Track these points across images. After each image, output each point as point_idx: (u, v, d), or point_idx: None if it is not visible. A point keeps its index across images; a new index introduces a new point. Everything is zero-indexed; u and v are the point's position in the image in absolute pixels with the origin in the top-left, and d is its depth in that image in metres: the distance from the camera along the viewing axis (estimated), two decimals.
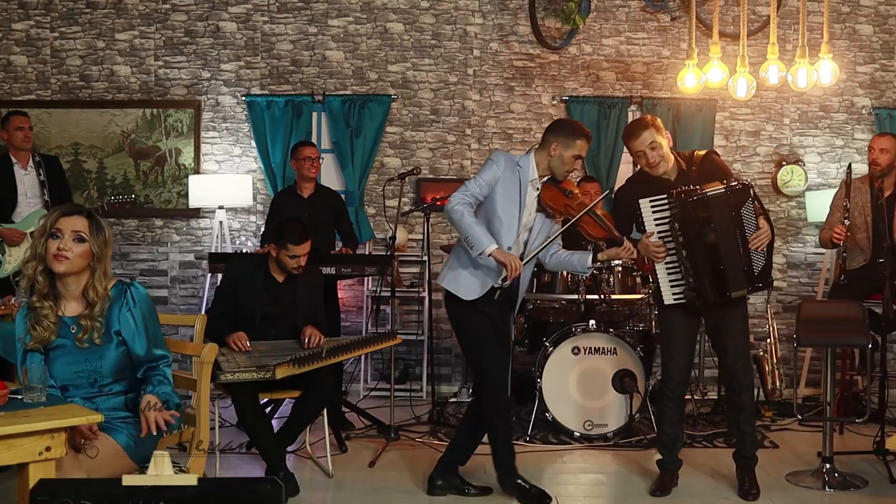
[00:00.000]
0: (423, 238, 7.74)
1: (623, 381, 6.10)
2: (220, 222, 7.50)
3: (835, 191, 6.85)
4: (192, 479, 1.77)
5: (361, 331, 7.69)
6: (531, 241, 4.81)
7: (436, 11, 7.87)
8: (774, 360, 7.04)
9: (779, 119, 7.92)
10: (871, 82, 7.88)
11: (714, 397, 7.19)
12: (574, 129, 4.78)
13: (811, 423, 6.53)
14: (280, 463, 4.86)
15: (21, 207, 6.60)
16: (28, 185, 6.66)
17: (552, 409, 6.13)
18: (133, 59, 7.87)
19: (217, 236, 7.49)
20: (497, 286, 4.73)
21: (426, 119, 7.90)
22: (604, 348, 6.16)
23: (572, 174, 5.05)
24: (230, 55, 7.86)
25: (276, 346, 5.11)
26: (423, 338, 7.61)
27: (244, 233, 7.87)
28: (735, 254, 4.77)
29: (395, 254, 6.39)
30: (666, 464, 5.11)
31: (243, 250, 7.61)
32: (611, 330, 6.21)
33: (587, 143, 4.77)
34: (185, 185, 7.77)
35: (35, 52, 7.87)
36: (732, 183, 4.78)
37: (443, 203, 6.89)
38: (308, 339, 5.11)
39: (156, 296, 7.64)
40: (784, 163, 7.85)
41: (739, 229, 4.76)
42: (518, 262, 4.55)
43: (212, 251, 7.32)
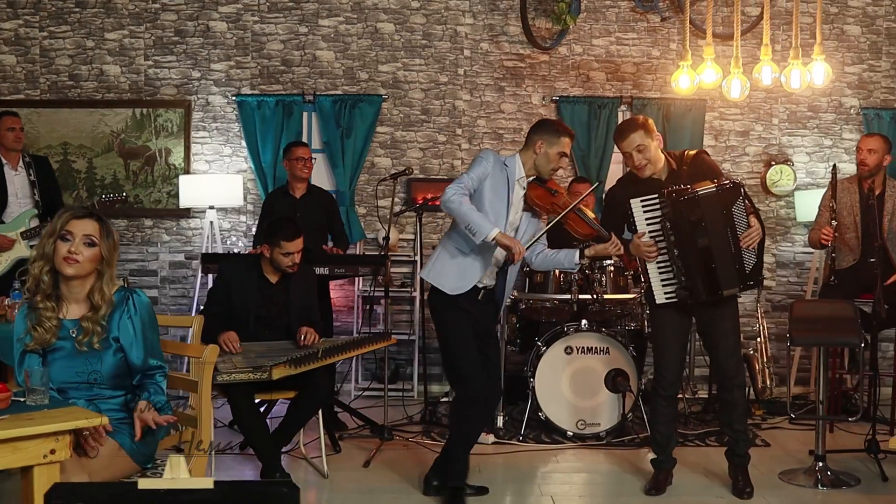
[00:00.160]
0: (414, 238, 7.76)
1: (616, 380, 6.12)
2: (211, 222, 7.49)
3: (823, 190, 6.89)
4: (208, 483, 1.77)
5: (352, 331, 7.68)
6: (517, 238, 4.80)
7: (426, 11, 7.87)
8: (764, 359, 7.08)
9: (768, 119, 7.96)
10: (859, 83, 7.92)
11: (704, 396, 7.22)
12: (558, 128, 4.86)
13: (801, 422, 6.57)
14: (276, 463, 4.86)
15: (11, 208, 6.57)
16: (18, 186, 6.63)
17: (545, 408, 6.15)
18: (123, 58, 7.84)
19: (207, 237, 7.47)
20: (481, 286, 4.75)
21: (417, 119, 7.90)
22: (596, 348, 6.18)
23: (558, 174, 5.07)
24: (220, 55, 7.84)
25: (271, 346, 5.11)
26: (413, 338, 7.62)
27: (234, 233, 7.85)
28: (726, 252, 4.80)
29: (386, 254, 6.37)
30: (660, 462, 5.14)
31: (234, 250, 7.60)
32: (603, 329, 6.23)
33: (571, 140, 4.83)
34: (175, 185, 7.75)
35: (24, 52, 7.83)
36: (723, 182, 4.81)
37: (434, 203, 6.95)
38: (304, 336, 5.11)
39: None
40: (773, 162, 7.88)
41: (731, 228, 4.78)
42: (521, 245, 4.54)
43: (203, 251, 7.31)
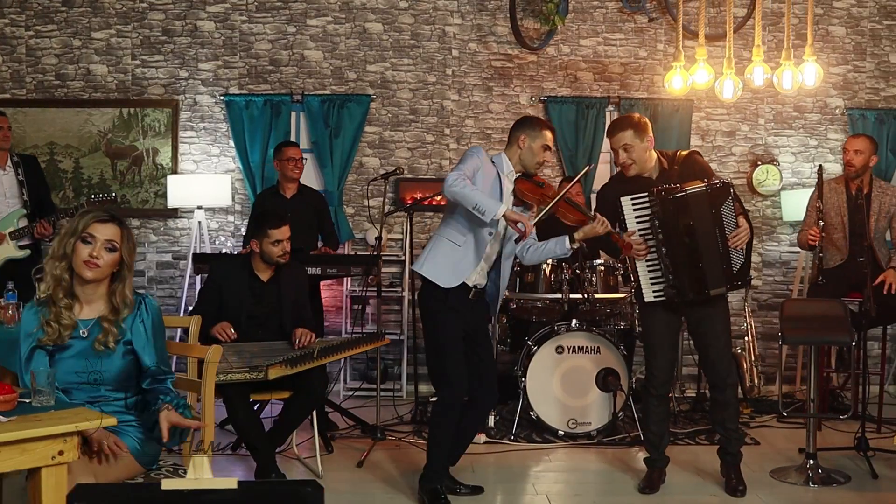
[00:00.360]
0: (402, 238, 7.77)
1: (606, 379, 6.14)
2: (199, 222, 7.46)
3: (809, 190, 6.94)
4: (231, 483, 1.77)
5: (341, 331, 7.68)
6: (508, 234, 4.84)
7: (414, 12, 7.88)
8: (752, 358, 7.13)
9: (754, 119, 8.01)
10: (844, 83, 7.99)
11: (693, 395, 7.25)
12: (539, 122, 4.94)
13: (789, 420, 6.63)
14: (272, 463, 4.86)
15: (0, 208, 6.53)
16: (7, 186, 6.58)
17: (536, 407, 6.17)
18: (110, 58, 7.80)
19: (196, 237, 7.45)
20: (472, 285, 4.77)
21: (405, 119, 7.90)
22: (587, 347, 6.20)
23: (547, 174, 5.09)
24: (208, 54, 7.82)
25: (266, 346, 5.10)
26: (402, 338, 7.62)
27: (222, 233, 7.83)
28: (714, 252, 4.83)
29: (379, 254, 6.37)
30: (653, 461, 5.16)
31: (222, 250, 7.58)
32: (594, 329, 6.26)
33: (552, 134, 4.90)
34: (163, 184, 7.72)
35: (10, 51, 7.78)
36: (713, 182, 4.85)
37: (427, 202, 6.97)
38: (299, 339, 5.11)
39: None
40: (759, 162, 7.94)
41: (719, 227, 4.82)
42: (528, 220, 4.55)
43: (194, 252, 7.29)
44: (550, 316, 6.60)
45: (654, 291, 4.94)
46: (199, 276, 7.25)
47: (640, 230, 4.87)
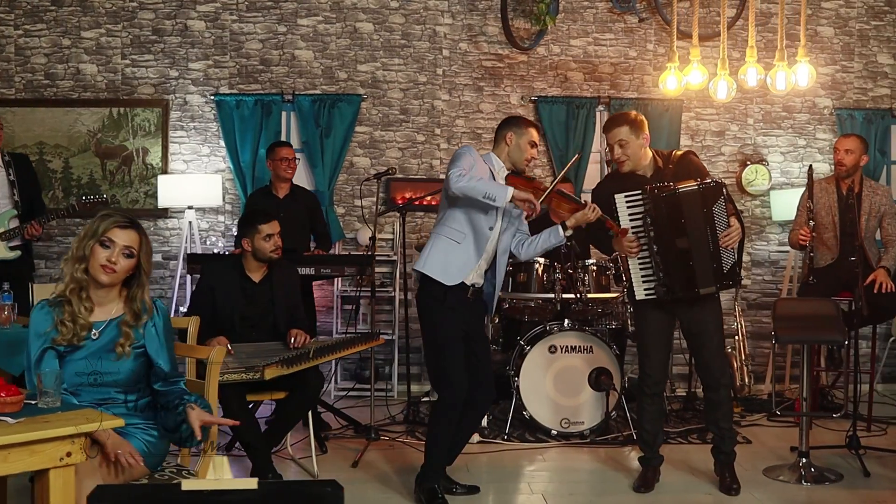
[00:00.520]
0: (392, 238, 7.77)
1: (599, 378, 6.16)
2: (190, 222, 7.44)
3: (798, 190, 6.98)
4: (252, 483, 1.78)
5: (332, 331, 7.68)
6: (503, 230, 4.87)
7: (405, 11, 7.88)
8: (742, 357, 7.16)
9: (743, 119, 8.06)
10: (833, 83, 8.04)
11: (683, 394, 7.28)
12: (524, 120, 5.02)
13: (779, 419, 6.67)
14: (269, 464, 4.85)
15: None
16: None
17: (529, 407, 6.18)
18: (99, 57, 7.77)
19: (186, 237, 7.43)
20: (470, 284, 4.79)
21: (396, 119, 7.91)
22: (580, 346, 6.22)
23: (539, 174, 5.13)
24: (198, 54, 7.80)
25: (261, 347, 5.09)
26: (393, 337, 7.62)
27: (213, 233, 7.81)
28: (705, 251, 4.85)
29: (373, 254, 6.37)
30: (647, 460, 5.18)
31: (214, 250, 7.57)
32: (586, 328, 6.28)
33: (538, 131, 4.97)
34: (153, 184, 7.70)
35: None
36: (705, 181, 4.87)
37: (419, 202, 6.97)
38: (294, 339, 5.10)
39: None
40: (748, 162, 7.98)
41: (710, 227, 4.84)
42: (535, 198, 4.59)
43: (186, 252, 7.27)
44: (542, 315, 6.62)
45: (645, 289, 4.96)
46: (189, 276, 7.24)
47: (633, 228, 4.90)
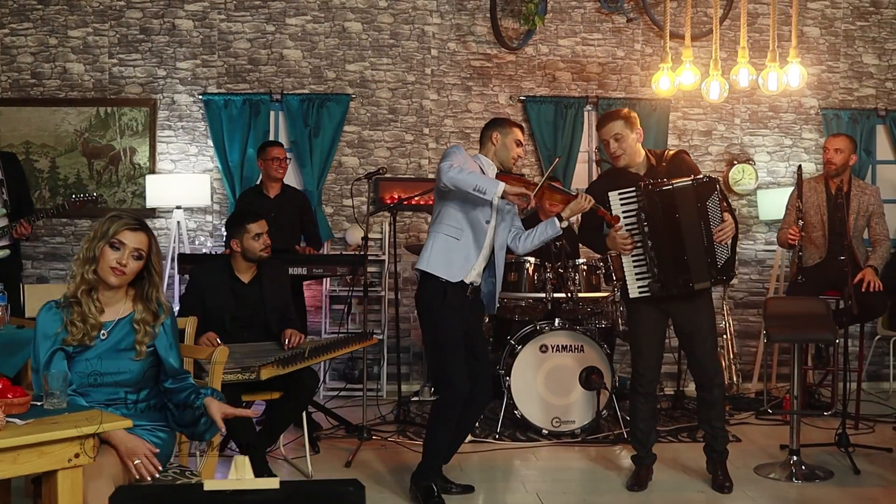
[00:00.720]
0: (381, 238, 7.76)
1: (590, 377, 6.18)
2: (178, 222, 7.41)
3: (785, 189, 7.02)
4: (274, 483, 1.77)
5: (321, 331, 7.67)
6: (498, 226, 4.90)
7: (394, 11, 7.88)
8: (731, 356, 7.21)
9: (730, 119, 8.10)
10: (818, 83, 8.09)
11: (671, 392, 7.31)
12: (507, 120, 5.09)
13: (767, 417, 6.72)
14: (264, 464, 4.85)
15: None
16: None
17: (520, 406, 6.19)
18: (86, 56, 7.73)
19: (175, 237, 7.40)
20: (469, 282, 4.80)
21: (384, 118, 7.90)
22: (571, 346, 6.23)
23: (522, 169, 5.15)
24: (186, 53, 7.77)
25: (256, 347, 5.08)
26: (382, 337, 7.62)
27: (200, 232, 7.79)
28: (699, 245, 4.88)
29: (366, 254, 6.36)
30: (641, 459, 5.20)
31: (203, 250, 7.54)
32: (577, 327, 6.29)
33: (522, 131, 5.02)
34: (140, 184, 7.67)
35: None
36: (699, 177, 4.92)
37: (409, 202, 6.97)
38: (289, 339, 5.09)
39: None
40: (735, 162, 8.02)
41: (704, 222, 4.87)
42: (529, 191, 4.62)
43: (175, 252, 7.25)
44: (533, 315, 6.63)
45: (639, 287, 4.98)
46: (177, 276, 7.22)
47: (626, 225, 4.93)
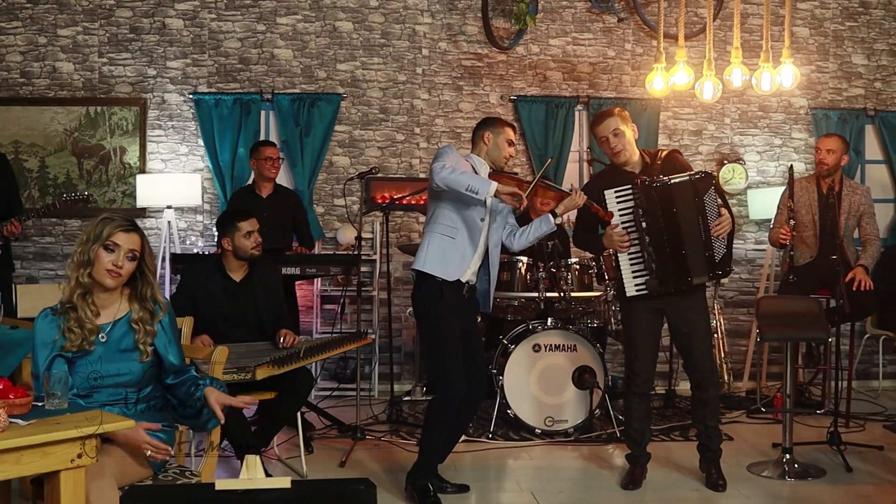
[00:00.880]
0: (372, 237, 7.75)
1: (583, 377, 6.19)
2: (169, 222, 7.38)
3: (774, 189, 7.04)
4: (285, 482, 1.77)
5: (312, 331, 7.65)
6: (493, 225, 4.92)
7: (385, 11, 7.87)
8: (722, 355, 7.23)
9: (720, 119, 8.13)
10: (808, 83, 8.12)
11: (662, 391, 7.33)
12: (499, 120, 5.12)
13: (758, 415, 6.75)
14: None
15: None
16: None
17: (513, 406, 6.19)
18: (76, 55, 7.70)
19: (166, 237, 7.37)
20: (465, 281, 4.82)
21: (375, 118, 7.90)
22: (564, 345, 6.24)
23: (513, 168, 5.17)
24: (176, 52, 7.75)
25: (251, 347, 5.07)
26: (373, 337, 7.61)
27: (191, 232, 7.76)
28: (697, 239, 4.90)
29: (359, 254, 6.34)
30: (635, 458, 5.21)
31: (194, 250, 7.52)
32: (570, 327, 6.30)
33: (513, 130, 5.04)
34: (130, 184, 7.65)
35: None
36: (695, 172, 4.96)
37: (401, 202, 6.97)
38: (283, 339, 5.09)
39: None
40: (725, 161, 8.05)
41: (702, 216, 4.90)
42: (521, 192, 4.62)
43: (168, 252, 7.22)
44: (525, 314, 6.64)
45: (635, 285, 4.99)
46: (168, 276, 7.19)
47: (623, 223, 4.95)
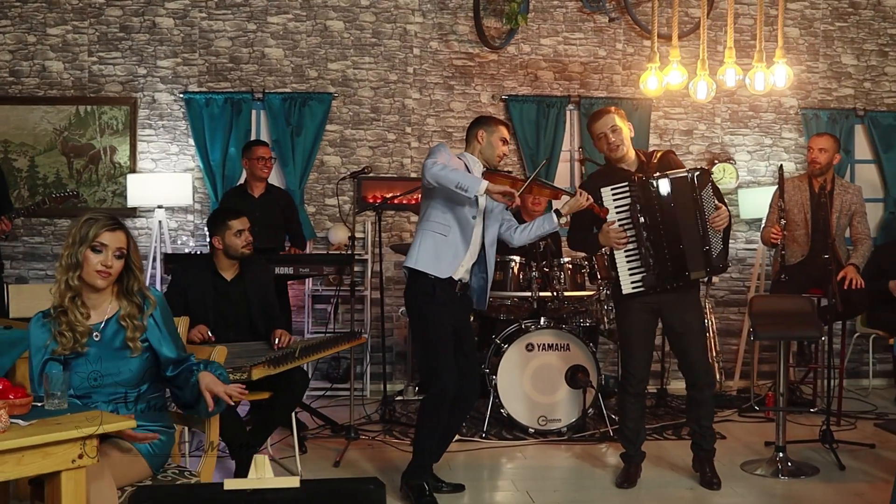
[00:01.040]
0: (363, 237, 7.74)
1: (576, 376, 6.19)
2: (160, 222, 7.35)
3: (765, 188, 7.06)
4: (294, 482, 1.76)
5: (304, 330, 7.63)
6: (489, 223, 4.93)
7: (376, 10, 7.86)
8: (713, 354, 7.24)
9: (710, 118, 8.15)
10: (798, 83, 8.13)
11: (654, 391, 7.32)
12: (493, 118, 5.13)
13: (750, 414, 6.77)
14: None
15: None
16: None
17: (507, 405, 6.19)
18: (66, 54, 7.66)
19: (157, 236, 7.34)
20: (457, 279, 4.82)
21: (366, 117, 7.88)
22: (557, 344, 6.24)
23: (503, 164, 5.17)
24: (167, 51, 7.72)
25: (245, 347, 5.05)
26: (365, 336, 7.59)
27: (182, 232, 7.74)
28: (695, 234, 4.93)
29: (353, 254, 6.34)
30: (630, 457, 5.23)
31: (185, 250, 7.50)
32: (563, 326, 6.30)
33: (507, 129, 5.06)
34: (121, 183, 7.62)
35: None
36: (693, 168, 5.00)
37: (394, 202, 6.96)
38: (279, 339, 5.07)
39: None
40: (716, 161, 8.06)
41: (699, 211, 4.93)
42: (512, 190, 4.62)
43: (159, 252, 7.21)
44: (518, 314, 6.64)
45: (632, 282, 5.00)
46: (159, 276, 7.17)
47: (620, 220, 4.96)
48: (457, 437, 6.01)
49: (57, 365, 3.18)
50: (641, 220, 4.91)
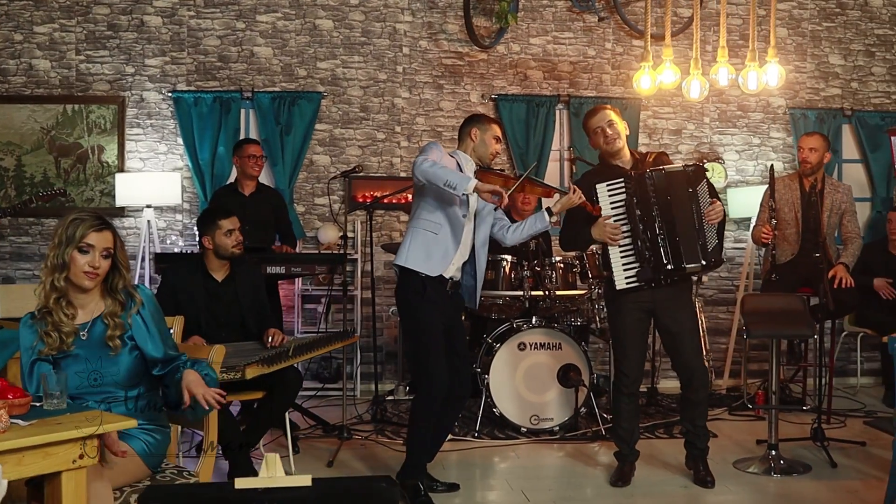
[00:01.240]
0: (353, 236, 7.72)
1: (568, 375, 6.19)
2: (149, 221, 7.31)
3: (754, 188, 7.07)
4: (306, 480, 1.75)
5: (294, 330, 7.61)
6: (480, 223, 4.93)
7: (365, 9, 7.84)
8: (704, 353, 7.24)
9: (699, 118, 8.17)
10: (786, 83, 8.11)
11: (644, 390, 7.33)
12: (486, 116, 5.14)
13: (740, 412, 6.79)
14: (249, 465, 4.79)
15: None
16: None
17: (499, 404, 6.18)
18: (53, 52, 7.61)
19: (146, 236, 7.30)
20: (448, 277, 4.82)
21: (356, 116, 7.86)
22: (549, 343, 6.24)
23: (495, 162, 5.17)
24: (155, 50, 7.67)
25: (239, 347, 5.03)
26: (357, 335, 7.58)
27: (171, 231, 7.70)
28: (690, 227, 4.95)
29: (345, 253, 6.31)
30: (624, 456, 5.23)
31: (174, 250, 7.46)
32: (555, 325, 6.30)
33: (500, 127, 5.07)
34: (109, 183, 7.57)
35: None
36: (689, 164, 5.05)
37: (386, 200, 6.95)
38: (272, 338, 5.05)
39: None
40: (705, 160, 8.06)
41: (695, 205, 4.96)
42: (501, 190, 4.59)
43: (149, 252, 7.17)
44: (510, 313, 6.63)
45: (626, 278, 5.01)
46: (148, 275, 7.14)
47: (615, 216, 4.98)
48: (449, 436, 6.02)
49: (47, 365, 3.16)
50: (637, 212, 4.92)
